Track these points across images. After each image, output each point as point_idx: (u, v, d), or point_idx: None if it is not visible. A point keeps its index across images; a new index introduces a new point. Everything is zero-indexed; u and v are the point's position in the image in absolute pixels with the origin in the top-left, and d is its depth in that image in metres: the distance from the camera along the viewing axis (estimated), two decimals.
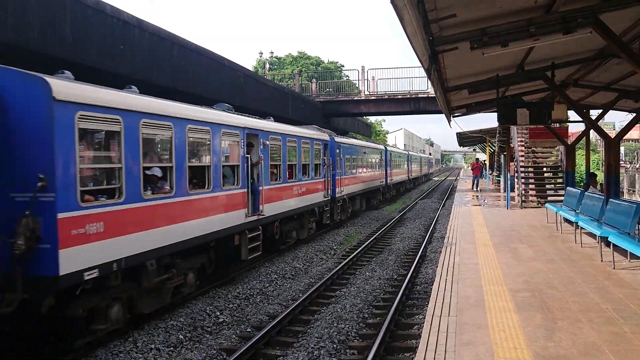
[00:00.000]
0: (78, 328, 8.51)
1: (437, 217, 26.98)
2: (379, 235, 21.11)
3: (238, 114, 13.92)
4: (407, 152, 52.44)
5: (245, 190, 13.36)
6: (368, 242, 19.20)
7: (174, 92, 18.87)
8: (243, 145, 13.30)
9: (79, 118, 7.89)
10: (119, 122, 8.69)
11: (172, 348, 9.16)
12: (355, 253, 16.96)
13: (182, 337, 9.63)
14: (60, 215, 7.52)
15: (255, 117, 15.02)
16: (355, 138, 39.84)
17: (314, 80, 38.16)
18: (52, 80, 7.62)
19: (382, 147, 36.60)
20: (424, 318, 7.56)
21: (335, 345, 8.96)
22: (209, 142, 11.59)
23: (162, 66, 16.43)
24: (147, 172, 9.58)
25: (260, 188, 14.30)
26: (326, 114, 35.42)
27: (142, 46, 15.27)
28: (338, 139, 24.31)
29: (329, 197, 21.81)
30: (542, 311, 7.16)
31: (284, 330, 10.00)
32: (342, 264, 15.27)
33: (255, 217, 13.83)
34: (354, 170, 26.80)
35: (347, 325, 9.91)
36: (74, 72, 8.69)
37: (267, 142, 14.80)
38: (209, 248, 12.19)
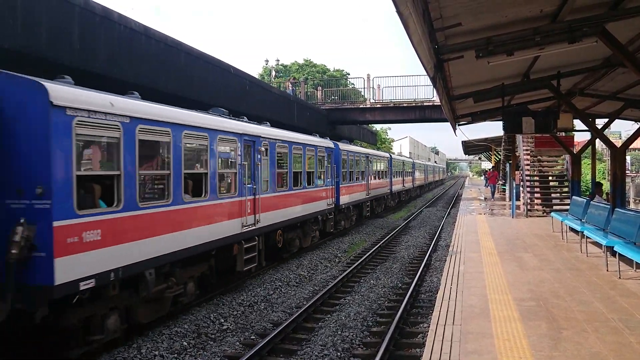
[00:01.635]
0: (74, 338, 8.31)
1: (442, 226, 26.92)
2: (384, 243, 21.07)
3: (235, 119, 13.74)
4: (411, 160, 52.41)
5: (241, 199, 12.98)
6: (373, 250, 19.16)
7: (181, 99, 18.94)
8: (240, 152, 12.99)
9: (77, 124, 7.72)
10: (118, 129, 8.56)
11: (175, 355, 9.15)
12: (359, 261, 16.93)
13: (186, 343, 9.62)
14: (56, 224, 7.30)
15: (253, 123, 14.81)
16: (361, 146, 40.02)
17: (319, 87, 38.24)
18: (49, 85, 7.43)
19: (387, 155, 36.75)
20: (429, 326, 7.54)
21: (339, 354, 8.93)
22: (206, 149, 11.44)
23: (168, 73, 16.50)
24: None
25: (257, 196, 13.92)
26: (331, 121, 35.45)
27: (149, 53, 15.34)
28: (343, 146, 24.27)
29: (333, 205, 21.65)
30: (547, 320, 7.13)
31: (287, 338, 9.98)
32: (347, 271, 15.24)
33: (251, 227, 13.46)
34: (359, 178, 26.76)
35: (351, 334, 9.88)
36: (82, 79, 8.77)
37: (263, 149, 14.45)
38: (209, 257, 12.00)
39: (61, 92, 7.62)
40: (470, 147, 47.17)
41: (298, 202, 17.50)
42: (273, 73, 58.99)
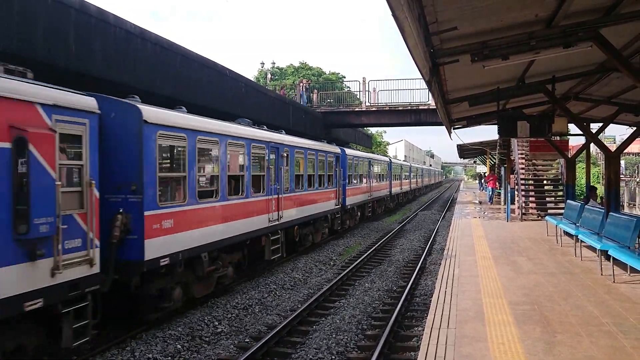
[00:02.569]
0: (153, 304, 10.39)
1: (437, 229, 26.95)
2: (379, 246, 21.07)
3: (260, 128, 15.96)
4: (409, 164, 54.48)
5: (268, 197, 15.27)
6: (368, 253, 19.17)
7: (177, 102, 18.89)
8: (268, 157, 15.22)
9: (159, 136, 9.96)
10: (184, 139, 10.83)
11: (169, 358, 9.13)
12: (354, 264, 16.93)
13: (180, 346, 9.60)
14: (145, 213, 9.51)
15: (275, 132, 16.97)
16: (357, 149, 40.73)
17: (315, 90, 38.24)
18: (142, 106, 9.68)
19: (387, 159, 39.36)
20: (423, 330, 7.54)
21: (333, 357, 8.93)
22: (243, 155, 13.77)
23: (164, 76, 16.46)
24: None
25: (280, 196, 16.03)
26: (327, 124, 35.45)
27: (145, 56, 15.30)
28: (349, 151, 26.36)
29: (340, 206, 23.56)
30: (542, 324, 7.14)
31: (282, 341, 9.96)
32: (342, 275, 15.23)
33: (275, 222, 15.68)
34: (362, 181, 28.91)
35: (346, 337, 9.88)
36: (79, 82, 8.96)
37: (285, 155, 16.49)
38: (244, 246, 14.15)
39: (150, 112, 9.83)
40: (465, 151, 47.27)
41: (312, 201, 19.68)
42: (269, 76, 58.96)
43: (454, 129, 19.51)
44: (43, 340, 7.97)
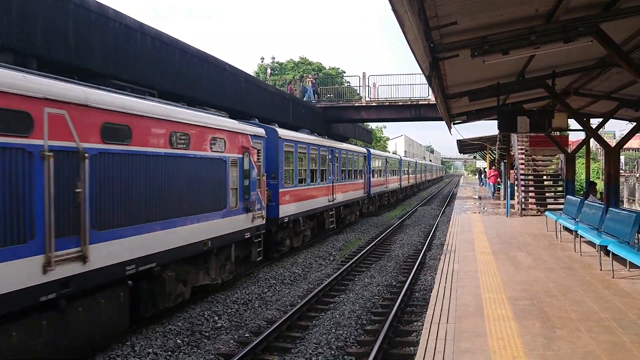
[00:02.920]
0: (277, 246, 17.34)
1: (437, 224, 26.96)
2: (379, 241, 21.10)
3: (323, 137, 23.61)
4: (414, 161, 63.05)
5: (328, 185, 22.48)
6: (367, 248, 19.19)
7: (176, 97, 18.85)
8: (329, 157, 22.70)
9: (284, 145, 17.39)
10: (292, 146, 18.32)
11: (169, 353, 9.14)
12: (354, 259, 16.95)
13: (180, 341, 9.61)
14: (280, 190, 16.82)
15: (327, 139, 24.47)
16: (356, 144, 42.78)
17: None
18: (278, 129, 17.10)
19: (398, 157, 47.37)
20: (423, 325, 7.55)
21: (333, 352, 8.94)
22: (317, 155, 21.17)
23: (164, 71, 16.41)
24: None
25: (334, 184, 23.29)
26: (327, 120, 35.37)
27: (145, 51, 15.26)
28: (373, 151, 34.51)
29: (367, 194, 30.68)
30: (541, 320, 7.15)
31: (282, 336, 9.98)
32: (341, 270, 15.25)
33: (331, 203, 22.79)
34: (380, 174, 35.77)
35: (346, 332, 9.89)
36: (79, 77, 8.85)
37: (337, 156, 24.00)
38: (315, 217, 21.33)
39: (281, 131, 17.35)
40: (465, 146, 47.23)
41: (351, 189, 26.80)
42: (269, 71, 58.88)
43: (453, 124, 19.52)
44: (243, 254, 14.23)
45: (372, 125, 68.84)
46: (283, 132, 17.39)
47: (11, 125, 6.65)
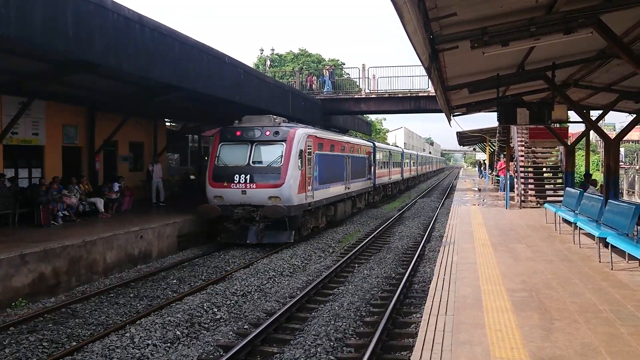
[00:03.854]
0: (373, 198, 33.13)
1: (436, 216, 26.98)
2: (378, 233, 21.11)
3: (365, 140, 37.66)
4: (416, 153, 65.52)
5: (370, 176, 31.78)
6: (366, 240, 19.20)
7: (176, 88, 18.80)
8: (369, 157, 31.81)
9: (376, 152, 33.21)
10: (370, 152, 31.84)
11: (169, 344, 9.17)
12: (353, 251, 16.97)
13: (179, 333, 9.64)
14: (376, 171, 33.49)
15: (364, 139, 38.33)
16: (356, 136, 44.87)
17: (314, 78, 38.08)
18: (374, 142, 35.16)
19: (400, 149, 48.59)
20: (421, 317, 7.55)
21: (332, 343, 8.96)
22: (369, 157, 31.18)
23: (163, 63, 16.33)
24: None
25: (390, 169, 38.99)
26: (326, 112, 35.29)
27: (144, 42, 15.17)
28: (377, 144, 36.59)
29: (372, 185, 33.20)
30: (540, 311, 7.16)
31: (281, 328, 10.01)
32: (341, 262, 15.27)
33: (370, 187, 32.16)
34: (385, 167, 38.04)
35: (345, 323, 9.91)
36: (78, 68, 8.92)
37: (376, 154, 34.06)
38: (361, 196, 30.05)
39: (375, 143, 34.57)
40: (464, 138, 47.23)
41: (387, 175, 38.42)
42: (268, 62, 58.71)
43: (453, 116, 19.48)
44: (366, 200, 30.91)
45: (372, 117, 68.74)
46: (376, 143, 35.54)
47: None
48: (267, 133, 18.55)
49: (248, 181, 17.83)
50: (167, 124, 29.92)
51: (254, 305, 11.60)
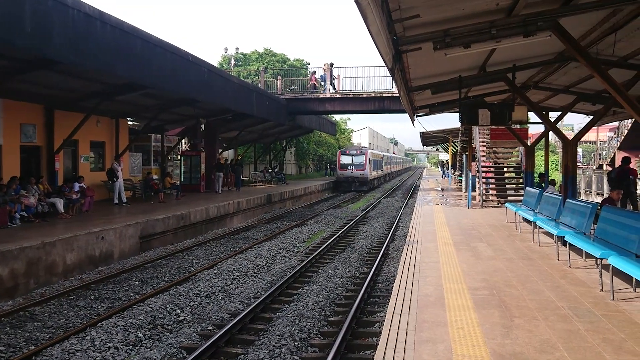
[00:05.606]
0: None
1: (400, 216, 27.21)
2: (342, 233, 21.18)
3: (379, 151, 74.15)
4: (390, 155, 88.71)
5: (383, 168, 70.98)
6: (331, 239, 19.25)
7: (138, 86, 18.54)
8: (380, 160, 61.46)
9: (372, 155, 56.33)
10: (380, 155, 66.18)
11: (130, 346, 9.03)
12: (318, 251, 16.98)
13: (141, 335, 9.50)
14: (385, 166, 69.14)
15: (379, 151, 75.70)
16: (320, 136, 66.67)
17: (279, 77, 38.02)
18: (384, 154, 74.59)
19: (382, 154, 69.80)
20: (385, 316, 7.61)
21: (296, 343, 8.96)
22: (384, 159, 67.26)
23: (125, 60, 16.10)
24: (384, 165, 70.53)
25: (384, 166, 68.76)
26: (291, 111, 35.31)
27: (105, 40, 14.93)
28: (370, 150, 53.60)
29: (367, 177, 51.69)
30: (500, 309, 7.28)
31: (245, 329, 9.96)
32: (305, 261, 15.27)
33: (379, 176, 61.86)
34: (377, 165, 58.16)
35: (309, 323, 9.92)
36: (37, 65, 8.68)
37: (379, 159, 61.45)
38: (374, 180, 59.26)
39: (370, 150, 55.22)
40: (428, 138, 47.67)
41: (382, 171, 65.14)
42: (232, 62, 58.34)
43: (417, 116, 19.65)
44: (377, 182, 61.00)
45: (337, 117, 68.98)
46: (370, 149, 55.19)
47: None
48: (357, 152, 49.54)
49: (354, 167, 48.06)
50: (130, 122, 29.47)
51: (218, 306, 11.51)
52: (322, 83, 35.03)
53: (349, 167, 47.74)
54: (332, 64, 34.84)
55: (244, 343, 9.28)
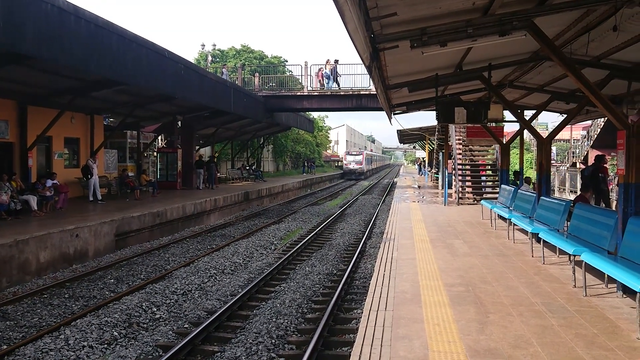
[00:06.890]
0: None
1: (377, 213, 27.32)
2: (320, 230, 21.21)
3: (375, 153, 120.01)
4: (376, 154, 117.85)
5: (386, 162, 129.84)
6: (308, 237, 19.26)
7: (114, 82, 18.31)
8: (367, 157, 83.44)
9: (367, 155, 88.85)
10: (372, 156, 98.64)
11: (105, 345, 8.94)
12: (295, 248, 16.98)
13: (116, 333, 9.41)
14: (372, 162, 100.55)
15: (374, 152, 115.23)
16: (298, 133, 67.00)
17: (257, 74, 37.87)
18: (366, 151, 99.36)
19: (373, 153, 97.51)
20: (362, 312, 7.64)
21: (273, 341, 8.95)
22: (378, 157, 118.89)
23: (100, 56, 15.89)
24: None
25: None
26: (269, 108, 35.20)
27: (80, 35, 14.73)
28: (365, 152, 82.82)
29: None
30: (475, 305, 7.36)
31: (222, 326, 9.92)
32: (282, 259, 15.26)
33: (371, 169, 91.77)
34: (368, 162, 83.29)
35: (286, 321, 9.92)
36: (9, 60, 8.53)
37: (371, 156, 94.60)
38: (373, 172, 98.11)
39: (368, 152, 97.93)
40: (405, 136, 47.97)
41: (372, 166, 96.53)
42: (209, 58, 57.94)
43: (394, 114, 19.73)
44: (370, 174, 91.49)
45: (314, 114, 68.92)
46: (369, 152, 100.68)
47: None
48: (357, 152, 79.43)
49: (355, 163, 74.17)
50: (105, 122, 29.10)
51: (194, 304, 11.45)
52: (327, 80, 34.82)
53: (351, 163, 73.85)
54: (336, 61, 34.74)
55: (220, 341, 9.25)
